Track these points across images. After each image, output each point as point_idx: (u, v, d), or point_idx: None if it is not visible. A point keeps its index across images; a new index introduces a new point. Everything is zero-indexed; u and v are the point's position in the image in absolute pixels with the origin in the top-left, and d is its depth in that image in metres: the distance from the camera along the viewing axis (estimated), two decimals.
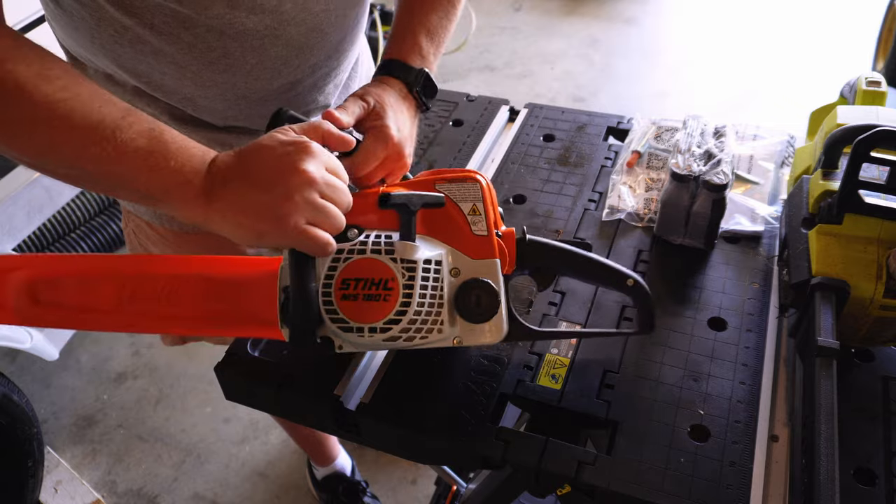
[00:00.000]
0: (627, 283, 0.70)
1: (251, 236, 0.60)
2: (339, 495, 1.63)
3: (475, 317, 0.63)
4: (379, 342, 0.62)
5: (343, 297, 0.61)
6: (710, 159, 0.90)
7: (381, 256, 0.61)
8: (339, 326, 0.61)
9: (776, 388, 0.75)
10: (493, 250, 0.65)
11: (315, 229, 0.59)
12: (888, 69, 2.60)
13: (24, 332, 1.67)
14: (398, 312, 0.60)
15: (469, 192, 0.67)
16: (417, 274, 0.61)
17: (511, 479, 0.77)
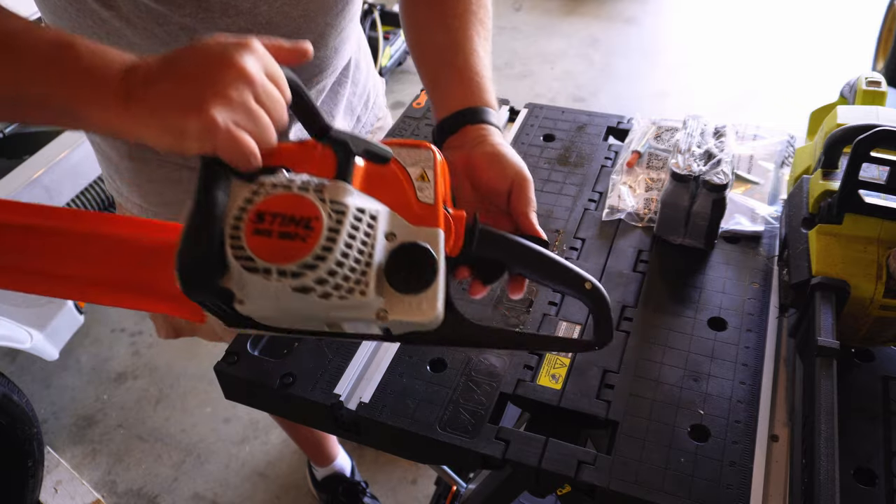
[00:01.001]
0: (585, 287, 0.62)
1: (172, 138, 0.51)
2: (339, 495, 1.63)
3: (406, 285, 0.54)
4: (287, 291, 0.50)
5: (255, 231, 0.51)
6: (710, 159, 0.90)
7: (308, 194, 0.52)
8: (243, 265, 0.50)
9: (776, 388, 0.75)
10: (436, 220, 0.58)
11: (243, 133, 0.51)
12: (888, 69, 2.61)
13: (24, 332, 1.67)
14: (317, 257, 0.50)
15: (420, 157, 0.60)
16: (346, 219, 0.51)
17: (511, 479, 0.77)
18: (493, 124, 0.72)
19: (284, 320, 0.56)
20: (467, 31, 0.78)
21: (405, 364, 0.79)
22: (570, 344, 0.70)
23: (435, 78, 0.79)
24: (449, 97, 0.75)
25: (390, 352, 0.80)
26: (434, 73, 0.79)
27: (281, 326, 0.58)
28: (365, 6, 3.00)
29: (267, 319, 0.56)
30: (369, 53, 1.11)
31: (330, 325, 0.57)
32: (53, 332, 1.76)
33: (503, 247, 0.63)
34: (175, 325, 1.24)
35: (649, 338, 0.80)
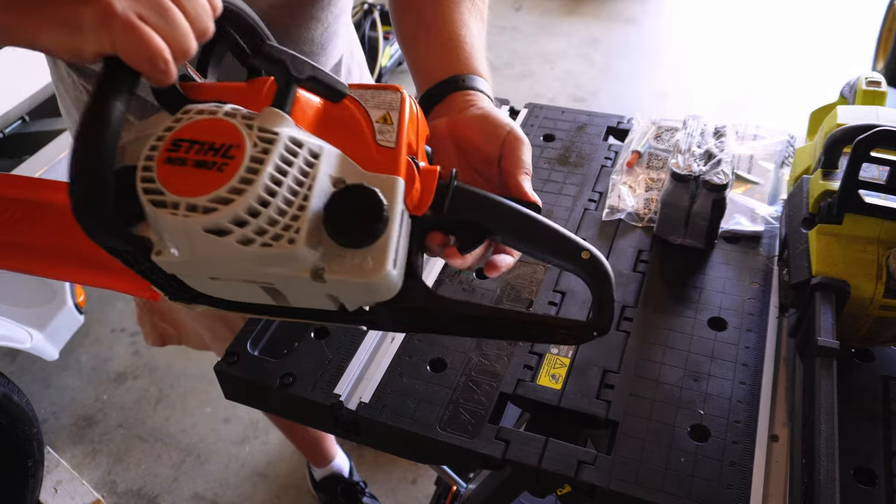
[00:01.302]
0: (581, 257, 0.51)
1: (66, 33, 0.44)
2: (338, 496, 1.63)
3: (347, 236, 0.45)
4: (199, 233, 0.42)
5: (167, 160, 0.43)
6: (710, 159, 0.90)
7: (234, 120, 0.44)
8: (151, 200, 0.43)
9: (776, 388, 0.75)
10: (395, 166, 0.49)
11: (149, 29, 0.42)
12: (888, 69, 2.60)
13: (24, 332, 1.67)
14: (233, 189, 0.42)
15: (385, 100, 0.52)
16: (275, 149, 0.43)
17: (511, 479, 0.77)
18: (483, 91, 0.65)
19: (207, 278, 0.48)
20: (457, 6, 0.72)
21: (405, 364, 0.79)
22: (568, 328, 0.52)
23: (419, 51, 0.71)
24: (433, 67, 0.67)
25: (390, 352, 0.80)
26: (418, 47, 0.72)
27: (217, 295, 0.51)
28: (365, 6, 3.00)
29: (190, 277, 0.48)
30: (363, 61, 1.08)
31: (267, 288, 0.48)
32: (53, 332, 1.76)
33: (482, 207, 0.53)
34: (161, 333, 1.24)
35: (649, 338, 0.80)
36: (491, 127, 0.59)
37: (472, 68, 0.67)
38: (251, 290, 0.49)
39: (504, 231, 0.53)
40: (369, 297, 0.49)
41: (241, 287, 0.49)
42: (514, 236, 0.54)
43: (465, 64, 0.67)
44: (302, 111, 0.48)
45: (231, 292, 0.51)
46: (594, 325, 0.51)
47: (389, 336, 0.82)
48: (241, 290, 0.49)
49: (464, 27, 0.70)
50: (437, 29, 0.70)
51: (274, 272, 0.45)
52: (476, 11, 0.74)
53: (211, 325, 1.13)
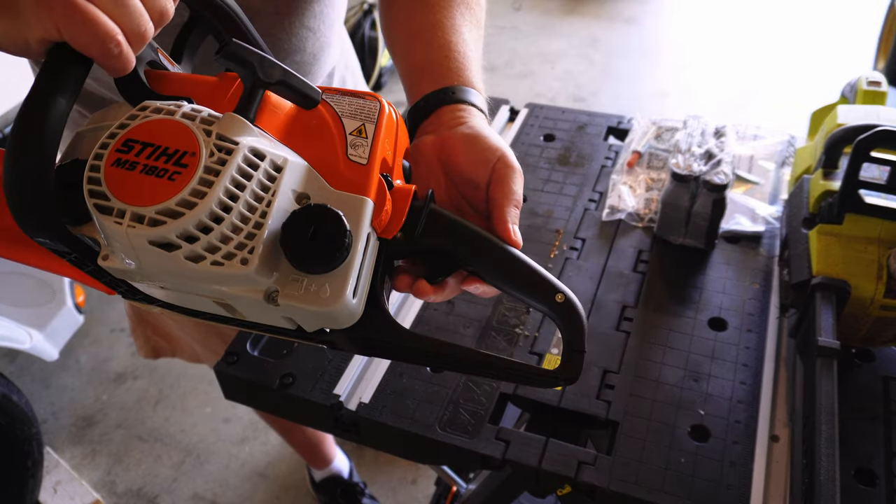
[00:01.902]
0: (555, 299, 0.48)
1: (8, 20, 0.40)
2: (337, 497, 1.63)
3: (305, 261, 0.41)
4: (144, 245, 0.39)
5: (116, 161, 0.39)
6: (710, 159, 0.90)
7: (192, 124, 0.40)
8: (95, 203, 0.39)
9: (776, 389, 0.75)
10: (365, 186, 0.45)
11: (95, 9, 0.38)
12: (889, 69, 2.60)
13: (23, 332, 1.67)
14: (183, 202, 0.38)
15: (362, 110, 0.48)
16: (232, 161, 0.39)
17: (511, 479, 0.77)
18: (476, 106, 0.60)
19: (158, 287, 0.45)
20: (450, 11, 0.67)
21: (405, 364, 0.78)
22: (531, 374, 0.49)
23: (407, 61, 0.66)
24: (422, 79, 0.62)
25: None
26: (406, 56, 0.67)
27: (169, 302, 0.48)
28: (365, 6, 3.00)
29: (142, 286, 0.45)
30: (358, 70, 1.07)
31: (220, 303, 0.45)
32: (53, 332, 1.76)
33: (456, 235, 0.49)
34: (154, 346, 1.24)
35: (649, 338, 0.80)
36: (480, 150, 0.54)
37: (464, 79, 0.62)
38: (204, 302, 0.46)
39: (477, 263, 0.50)
40: (326, 324, 0.45)
41: (193, 298, 0.46)
42: (487, 270, 0.50)
43: (457, 74, 0.62)
44: (271, 115, 0.45)
45: (184, 301, 0.47)
46: (560, 374, 0.46)
47: None
48: (193, 300, 0.47)
49: (456, 34, 0.65)
50: (428, 36, 0.65)
51: (224, 290, 0.42)
52: (471, 16, 0.69)
53: (204, 338, 1.12)
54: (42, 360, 1.74)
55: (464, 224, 0.50)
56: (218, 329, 1.04)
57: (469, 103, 0.59)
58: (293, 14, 0.78)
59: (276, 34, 0.78)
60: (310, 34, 0.82)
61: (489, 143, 0.54)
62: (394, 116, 0.49)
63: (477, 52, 0.66)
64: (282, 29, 0.78)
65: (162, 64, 0.50)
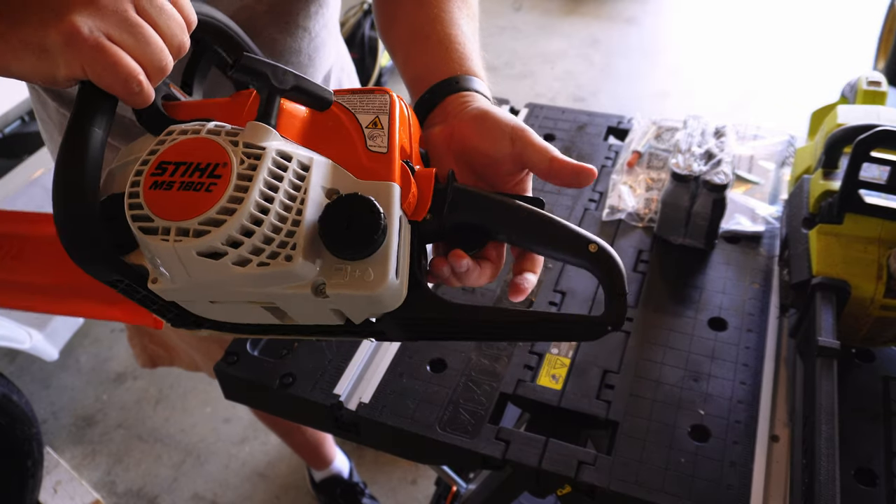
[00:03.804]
0: (588, 250, 0.49)
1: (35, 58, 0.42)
2: (337, 497, 1.63)
3: (345, 249, 0.43)
4: (192, 257, 0.41)
5: (154, 184, 0.42)
6: (710, 159, 0.90)
7: (218, 138, 0.43)
8: (140, 227, 0.41)
9: (777, 389, 0.75)
10: (389, 172, 0.47)
11: (119, 50, 0.41)
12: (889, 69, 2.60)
13: (23, 333, 1.67)
14: (223, 210, 0.40)
15: (374, 103, 0.50)
16: (263, 165, 0.42)
17: (511, 479, 0.77)
18: (481, 92, 0.61)
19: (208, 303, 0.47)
20: (447, 5, 0.68)
21: (405, 364, 0.78)
22: (582, 325, 0.50)
23: (409, 56, 0.67)
24: (426, 72, 0.63)
25: (390, 352, 0.80)
26: (407, 52, 0.67)
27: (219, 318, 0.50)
28: (364, 6, 3.00)
29: (191, 304, 0.48)
30: (353, 73, 1.07)
31: (269, 307, 0.47)
32: (53, 332, 1.76)
33: (483, 207, 0.51)
34: (152, 355, 1.24)
35: (650, 338, 0.80)
36: (492, 125, 0.55)
37: (467, 69, 0.63)
38: (254, 311, 0.48)
39: (507, 229, 0.51)
40: (374, 309, 0.47)
41: (244, 308, 0.47)
42: (518, 234, 0.51)
43: (459, 65, 0.63)
44: (288, 122, 0.47)
45: (233, 314, 0.49)
46: (607, 319, 0.48)
47: None
48: (243, 311, 0.48)
49: (454, 27, 0.66)
50: (427, 31, 0.66)
51: (274, 291, 0.44)
52: (467, 9, 0.70)
53: (202, 345, 1.11)
54: (42, 360, 1.74)
55: (488, 195, 0.51)
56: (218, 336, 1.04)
57: (474, 90, 0.60)
58: (288, 13, 0.78)
59: (271, 34, 0.78)
60: (305, 34, 0.82)
61: (499, 118, 0.55)
62: (405, 107, 0.52)
63: (475, 42, 0.67)
64: (276, 29, 0.78)
65: (175, 96, 0.52)
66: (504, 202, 0.51)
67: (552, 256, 0.52)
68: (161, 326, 0.52)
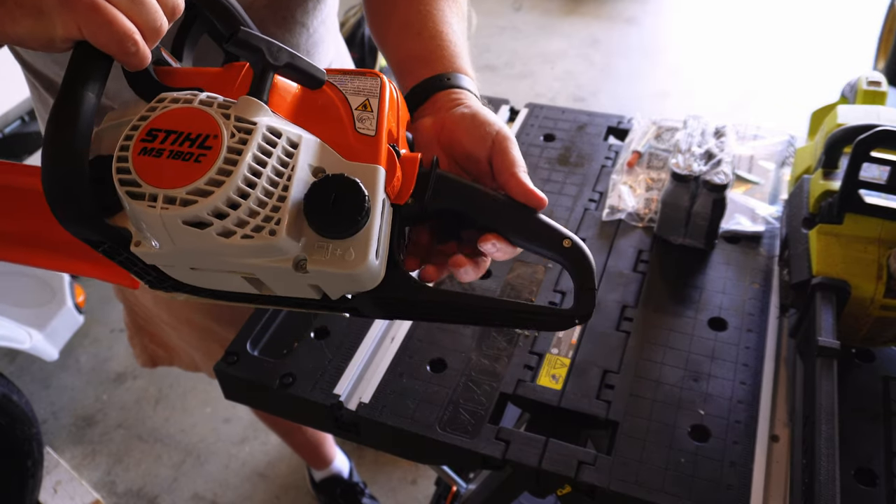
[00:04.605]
0: (562, 245, 0.50)
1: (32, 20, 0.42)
2: (337, 497, 1.63)
3: (328, 228, 0.44)
4: (178, 225, 0.42)
5: (143, 150, 0.42)
6: (710, 159, 0.90)
7: (210, 109, 0.44)
8: (127, 191, 0.42)
9: (777, 389, 0.75)
10: (376, 155, 0.48)
11: (114, 10, 0.42)
12: (889, 69, 2.60)
13: (23, 332, 1.67)
14: (211, 181, 0.41)
15: (365, 86, 0.51)
16: (253, 139, 0.42)
17: (511, 479, 0.77)
18: (470, 90, 0.62)
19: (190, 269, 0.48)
20: (438, 4, 0.70)
21: (405, 364, 0.78)
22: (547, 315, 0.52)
23: (399, 51, 0.69)
24: (417, 67, 0.64)
25: (390, 352, 0.80)
26: (398, 47, 0.69)
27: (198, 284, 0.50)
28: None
29: (171, 269, 0.48)
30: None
31: (249, 278, 0.48)
32: (53, 332, 1.76)
33: (464, 195, 0.52)
34: (152, 354, 1.24)
35: (650, 338, 0.80)
36: (478, 126, 0.57)
37: (458, 66, 0.65)
38: (233, 280, 0.49)
39: (486, 218, 0.52)
40: (352, 287, 0.48)
41: (223, 276, 0.48)
42: (496, 224, 0.52)
43: (451, 62, 0.65)
44: (280, 98, 0.48)
45: (213, 282, 0.50)
46: (575, 312, 0.49)
47: (389, 336, 0.82)
48: (223, 279, 0.49)
49: (445, 24, 0.68)
50: (419, 27, 0.68)
51: (256, 263, 0.45)
52: (457, 8, 0.72)
53: (202, 345, 1.11)
54: (42, 360, 1.74)
55: (470, 184, 0.52)
56: (217, 335, 1.04)
57: (464, 88, 0.62)
58: (286, 9, 0.78)
59: (268, 29, 0.78)
60: (303, 30, 0.83)
61: (486, 120, 0.57)
62: (394, 91, 0.52)
63: (464, 40, 0.69)
64: (274, 24, 0.79)
65: (166, 61, 0.52)
66: (484, 192, 0.52)
67: (527, 248, 0.53)
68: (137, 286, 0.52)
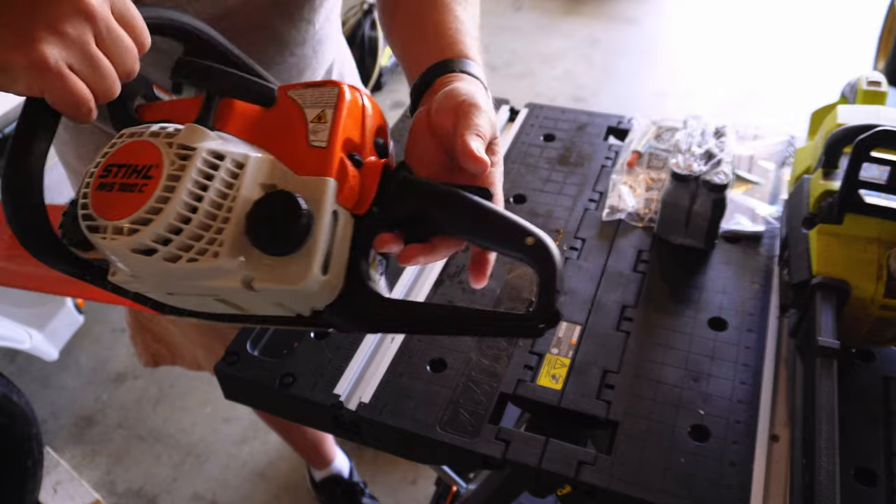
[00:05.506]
0: (525, 243, 0.46)
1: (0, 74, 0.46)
2: (337, 497, 1.63)
3: (269, 244, 0.44)
4: (127, 253, 0.43)
5: (99, 186, 0.45)
6: (710, 159, 0.90)
7: (157, 140, 0.45)
8: (87, 225, 0.45)
9: (777, 388, 0.75)
10: (327, 167, 0.47)
11: (75, 78, 0.45)
12: (889, 69, 2.61)
13: (23, 332, 1.67)
14: (151, 209, 0.42)
15: (323, 97, 0.50)
16: (191, 164, 0.43)
17: (511, 479, 0.77)
18: (468, 72, 0.60)
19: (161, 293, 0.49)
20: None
21: (405, 364, 0.78)
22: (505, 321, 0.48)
23: (405, 45, 0.69)
24: (420, 59, 0.64)
25: (390, 352, 0.80)
26: (404, 40, 0.70)
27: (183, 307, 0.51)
28: (364, 6, 3.00)
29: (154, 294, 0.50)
30: (354, 68, 1.08)
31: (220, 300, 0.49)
32: (53, 332, 1.76)
33: (426, 196, 0.50)
34: (154, 353, 1.24)
35: (650, 338, 0.80)
36: (450, 98, 0.54)
37: (458, 52, 0.63)
38: (209, 301, 0.49)
39: (449, 218, 0.50)
40: (309, 302, 0.48)
41: (199, 299, 0.49)
42: (459, 223, 0.50)
43: (450, 48, 0.63)
44: (240, 120, 0.49)
45: (193, 304, 0.51)
46: (536, 316, 0.45)
47: (389, 336, 0.82)
48: (199, 301, 0.49)
49: (448, 12, 0.67)
50: (422, 17, 0.68)
51: (210, 285, 0.45)
52: None
53: (205, 342, 1.11)
54: (42, 360, 1.75)
55: (434, 185, 0.51)
56: (220, 332, 1.04)
57: (461, 71, 0.61)
58: (293, 5, 0.79)
59: (276, 26, 0.79)
60: (309, 27, 0.83)
61: (459, 91, 0.55)
62: (359, 99, 0.51)
63: (471, 25, 0.68)
64: (281, 20, 0.79)
65: (156, 97, 0.55)
66: (447, 192, 0.50)
67: (490, 248, 0.51)
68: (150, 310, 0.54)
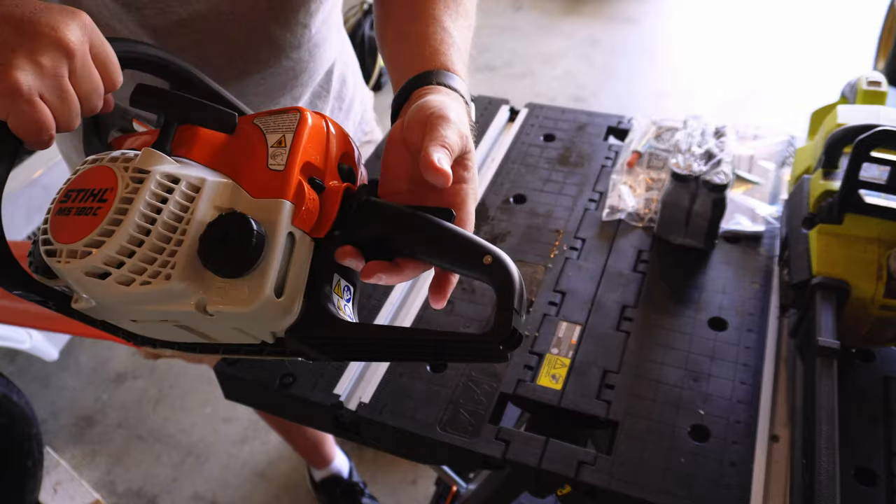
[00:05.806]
0: (483, 262, 0.45)
1: None
2: (337, 497, 1.63)
3: (221, 266, 0.44)
4: (81, 277, 0.43)
5: (59, 210, 0.45)
6: (710, 159, 0.90)
7: (114, 165, 0.45)
8: (45, 250, 0.45)
9: (777, 388, 0.75)
10: (283, 189, 0.47)
11: (45, 109, 0.45)
12: (889, 69, 2.60)
13: (23, 333, 1.67)
14: (103, 232, 0.43)
15: (284, 122, 0.50)
16: (145, 187, 0.43)
17: (511, 479, 0.77)
18: (447, 85, 0.59)
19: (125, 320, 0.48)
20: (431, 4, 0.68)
21: (405, 364, 0.78)
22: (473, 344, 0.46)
23: (392, 58, 0.68)
24: (403, 69, 0.62)
25: None
26: (391, 53, 0.69)
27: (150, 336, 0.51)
28: (364, 6, 3.00)
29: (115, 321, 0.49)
30: (357, 69, 1.08)
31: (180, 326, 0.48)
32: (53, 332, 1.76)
33: (387, 218, 0.49)
34: None
35: (650, 338, 0.80)
36: (420, 111, 0.53)
37: (439, 63, 0.61)
38: (173, 330, 0.48)
39: (409, 240, 0.49)
40: (266, 328, 0.47)
41: (163, 327, 0.48)
42: (419, 244, 0.49)
43: (431, 61, 0.62)
44: (204, 146, 0.49)
45: (159, 332, 0.50)
46: (492, 337, 0.44)
47: None
48: (165, 329, 0.49)
49: (434, 24, 0.66)
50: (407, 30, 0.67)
51: (165, 309, 0.45)
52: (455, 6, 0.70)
53: None
54: (42, 360, 1.74)
55: (396, 208, 0.50)
56: None
57: (439, 84, 0.59)
58: (288, 9, 0.79)
59: (271, 30, 0.78)
60: (305, 31, 0.83)
61: (430, 104, 0.54)
62: (323, 124, 0.51)
63: (461, 39, 0.67)
64: (276, 25, 0.79)
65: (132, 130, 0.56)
66: (404, 214, 0.49)
67: (450, 269, 0.50)
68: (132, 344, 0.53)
